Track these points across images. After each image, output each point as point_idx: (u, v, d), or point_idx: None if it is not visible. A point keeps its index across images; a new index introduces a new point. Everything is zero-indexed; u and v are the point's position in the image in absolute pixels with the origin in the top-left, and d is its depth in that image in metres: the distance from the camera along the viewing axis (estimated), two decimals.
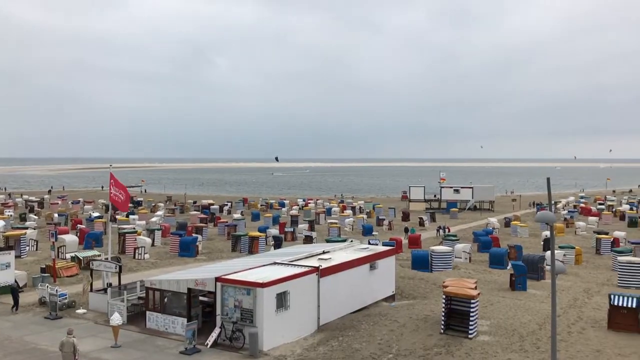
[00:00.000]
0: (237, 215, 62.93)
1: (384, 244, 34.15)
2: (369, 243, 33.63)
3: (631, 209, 75.95)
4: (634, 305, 19.37)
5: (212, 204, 79.15)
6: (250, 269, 20.40)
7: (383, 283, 24.52)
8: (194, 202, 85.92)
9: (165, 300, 20.14)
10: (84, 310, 22.50)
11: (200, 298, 20.60)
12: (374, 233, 49.69)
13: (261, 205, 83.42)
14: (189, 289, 19.58)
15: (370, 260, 23.59)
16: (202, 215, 62.41)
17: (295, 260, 21.96)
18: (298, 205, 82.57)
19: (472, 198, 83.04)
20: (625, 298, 19.68)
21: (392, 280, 25.44)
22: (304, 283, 19.63)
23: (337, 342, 18.57)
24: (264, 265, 21.10)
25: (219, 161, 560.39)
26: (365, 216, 66.35)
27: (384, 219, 60.85)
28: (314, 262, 21.42)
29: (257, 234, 41.35)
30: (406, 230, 53.12)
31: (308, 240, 42.80)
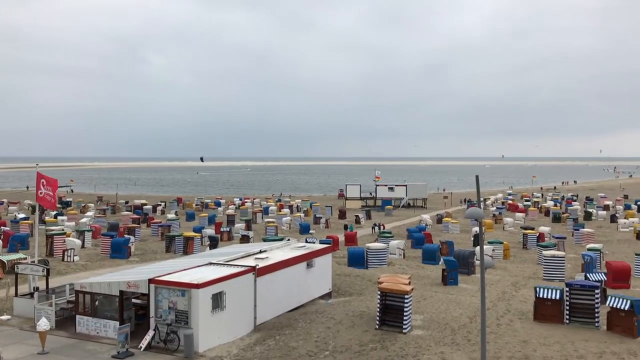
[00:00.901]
0: (171, 216, 61.68)
1: (321, 242, 34.38)
2: (306, 241, 33.79)
3: (555, 205, 79.68)
4: (558, 297, 20.36)
5: (145, 204, 77.28)
6: (185, 269, 20.07)
7: (320, 281, 24.69)
8: (126, 202, 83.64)
9: (96, 303, 19.52)
10: (8, 317, 21.47)
11: (133, 300, 20.07)
12: (311, 231, 49.94)
13: (196, 205, 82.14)
14: (121, 292, 19.04)
15: (307, 258, 23.70)
16: (135, 216, 60.87)
17: (231, 260, 21.77)
18: (234, 205, 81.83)
19: (406, 196, 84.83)
20: (550, 290, 20.65)
21: (329, 277, 25.66)
22: (240, 283, 19.50)
23: (273, 341, 18.55)
24: (199, 266, 20.80)
25: (150, 160, 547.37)
26: (302, 215, 66.54)
27: (321, 217, 61.23)
28: (250, 262, 21.31)
29: (192, 234, 40.69)
30: (345, 227, 53.76)
31: (245, 239, 42.51)
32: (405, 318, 18.87)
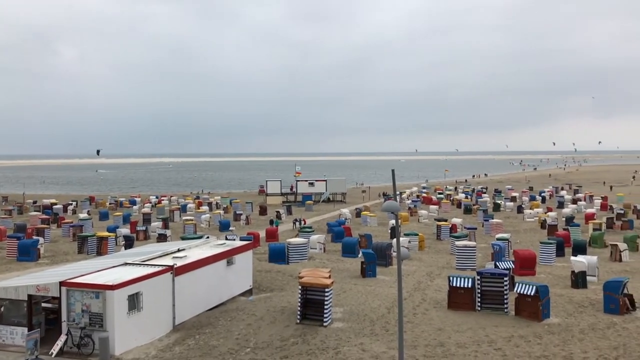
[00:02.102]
0: (83, 215, 59.06)
1: (242, 239, 34.18)
2: (226, 239, 33.47)
3: (466, 197, 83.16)
4: (469, 286, 21.32)
5: (55, 204, 73.55)
6: (99, 271, 19.32)
7: (240, 278, 24.52)
8: (34, 202, 79.25)
9: (2, 309, 18.42)
10: None
11: (43, 305, 19.11)
12: (231, 228, 49.46)
13: (110, 204, 79.21)
14: (29, 296, 18.07)
15: (227, 255, 23.46)
16: (44, 216, 57.89)
17: (148, 260, 21.18)
18: (151, 203, 79.57)
19: (326, 190, 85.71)
20: (462, 279, 21.59)
21: (250, 274, 25.53)
22: (157, 283, 19.02)
23: (193, 340, 18.26)
24: (114, 267, 20.08)
25: (59, 157, 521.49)
26: (222, 212, 65.74)
27: (241, 214, 60.75)
28: (168, 261, 20.82)
29: (106, 234, 39.17)
30: (271, 222, 53.76)
31: (162, 238, 41.48)
32: (325, 311, 19.13)
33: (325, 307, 19.17)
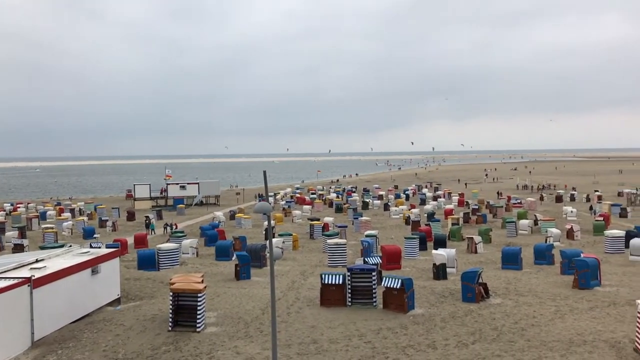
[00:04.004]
0: None
1: (108, 246, 32.53)
2: (91, 246, 31.65)
3: (337, 196, 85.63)
4: (340, 282, 21.99)
5: None
6: None
7: (107, 287, 23.30)
8: None
9: None
10: None
11: None
12: (95, 235, 46.82)
13: None
14: None
15: (92, 264, 22.19)
16: None
17: (1, 273, 19.47)
18: (5, 211, 73.19)
19: (199, 193, 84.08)
20: (333, 276, 22.21)
21: (117, 283, 24.34)
22: (12, 297, 17.53)
23: (55, 356, 17.08)
24: None
25: None
26: (86, 218, 62.06)
27: (107, 220, 57.76)
28: (25, 273, 19.28)
29: None
30: (147, 226, 52.09)
31: (18, 248, 38.32)
32: (198, 317, 18.77)
33: (198, 312, 18.81)
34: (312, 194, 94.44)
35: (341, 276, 22.13)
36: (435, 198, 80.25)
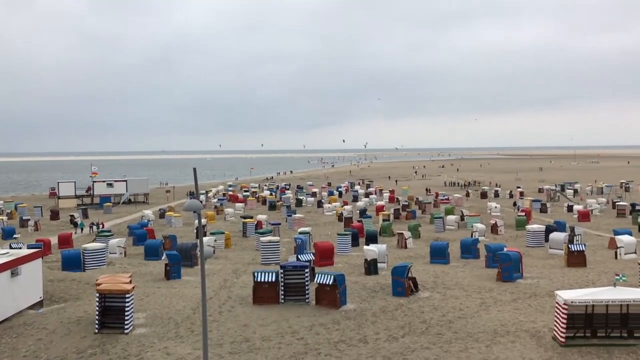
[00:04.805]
0: None
1: (29, 247, 31.10)
2: (11, 247, 30.17)
3: (271, 194, 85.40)
4: (273, 280, 21.95)
5: None
6: None
7: (28, 289, 22.22)
8: None
9: None
10: None
11: None
12: (15, 236, 44.62)
13: None
14: None
15: (11, 266, 21.09)
16: None
17: None
18: None
19: (127, 191, 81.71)
20: (266, 274, 22.14)
21: (39, 285, 23.24)
22: None
23: None
24: None
25: None
26: (5, 218, 58.96)
27: (29, 219, 55.09)
28: None
29: None
30: (75, 224, 50.03)
31: None
32: (126, 318, 18.24)
33: (127, 313, 18.28)
34: (245, 191, 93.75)
35: (274, 274, 22.10)
36: (367, 195, 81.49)
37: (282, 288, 21.90)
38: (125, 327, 18.13)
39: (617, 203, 58.79)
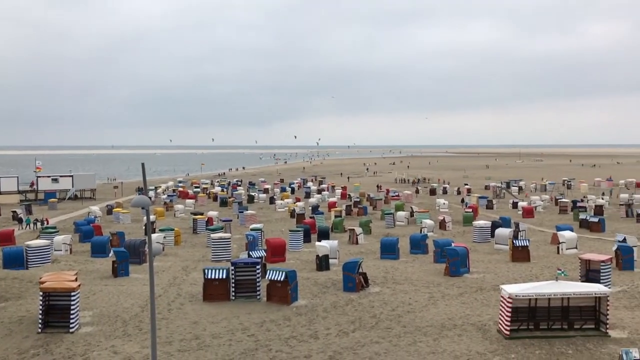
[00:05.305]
0: None
1: None
2: None
3: (222, 190, 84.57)
4: (224, 276, 21.80)
5: None
6: None
7: None
8: None
9: None
10: None
11: None
12: None
13: None
14: None
15: None
16: None
17: None
18: None
19: (73, 187, 79.37)
20: (217, 270, 21.97)
21: None
22: None
23: None
24: None
25: None
26: None
27: None
28: None
29: None
30: (20, 221, 48.17)
31: None
32: (72, 316, 17.77)
33: (72, 312, 17.80)
34: (196, 187, 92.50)
35: (225, 270, 21.94)
36: (319, 191, 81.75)
37: (233, 285, 21.78)
38: (71, 326, 17.66)
39: (559, 200, 60.91)
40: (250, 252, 28.58)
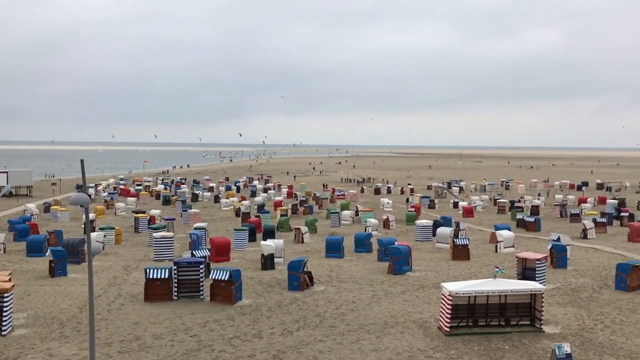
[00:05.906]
0: None
1: None
2: None
3: (165, 188, 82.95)
4: (166, 276, 21.43)
5: None
6: None
7: None
8: None
9: None
10: None
11: None
12: None
13: None
14: None
15: None
16: None
17: None
18: None
19: (8, 184, 76.12)
20: (159, 270, 21.57)
21: None
22: None
23: None
24: None
25: None
26: None
27: None
28: None
29: None
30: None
31: None
32: (4, 318, 17.08)
33: (5, 313, 17.10)
34: (138, 185, 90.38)
35: (167, 270, 21.58)
36: (265, 190, 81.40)
37: (176, 285, 21.44)
38: (3, 328, 16.97)
39: (497, 200, 62.85)
40: (194, 252, 28.18)
